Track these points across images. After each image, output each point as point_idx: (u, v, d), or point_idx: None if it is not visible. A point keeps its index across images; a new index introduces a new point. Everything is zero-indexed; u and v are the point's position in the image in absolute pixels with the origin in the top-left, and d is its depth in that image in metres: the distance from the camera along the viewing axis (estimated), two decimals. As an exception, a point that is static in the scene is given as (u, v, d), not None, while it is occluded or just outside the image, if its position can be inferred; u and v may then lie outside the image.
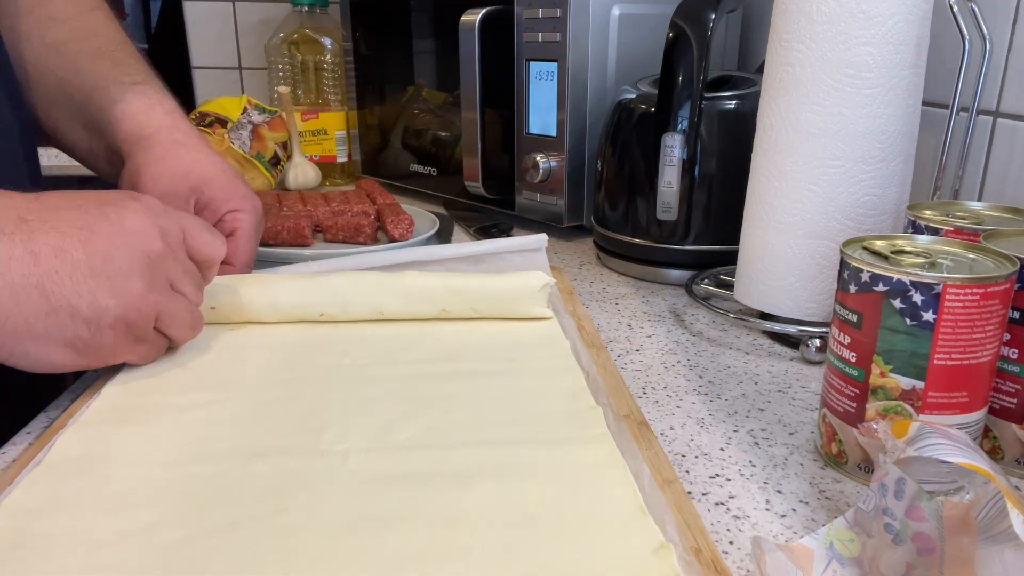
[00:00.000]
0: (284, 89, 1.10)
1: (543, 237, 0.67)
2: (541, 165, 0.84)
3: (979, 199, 0.65)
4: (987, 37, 0.55)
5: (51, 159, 1.06)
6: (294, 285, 0.58)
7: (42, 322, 0.41)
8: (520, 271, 0.60)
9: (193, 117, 1.03)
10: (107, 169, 0.63)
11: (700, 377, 0.54)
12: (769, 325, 0.59)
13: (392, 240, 0.78)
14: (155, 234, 0.45)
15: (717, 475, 0.42)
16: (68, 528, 0.35)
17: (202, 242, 0.49)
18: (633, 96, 0.75)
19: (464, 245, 0.66)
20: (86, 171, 0.68)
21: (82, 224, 0.43)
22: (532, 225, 0.92)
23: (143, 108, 0.60)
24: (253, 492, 0.37)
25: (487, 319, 0.59)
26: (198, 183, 0.58)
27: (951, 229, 0.46)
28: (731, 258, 0.64)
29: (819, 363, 0.56)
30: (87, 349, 0.44)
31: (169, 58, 1.43)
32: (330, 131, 1.16)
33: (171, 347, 0.51)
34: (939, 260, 0.40)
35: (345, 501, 0.37)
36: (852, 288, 0.40)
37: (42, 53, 0.62)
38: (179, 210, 0.50)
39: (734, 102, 0.70)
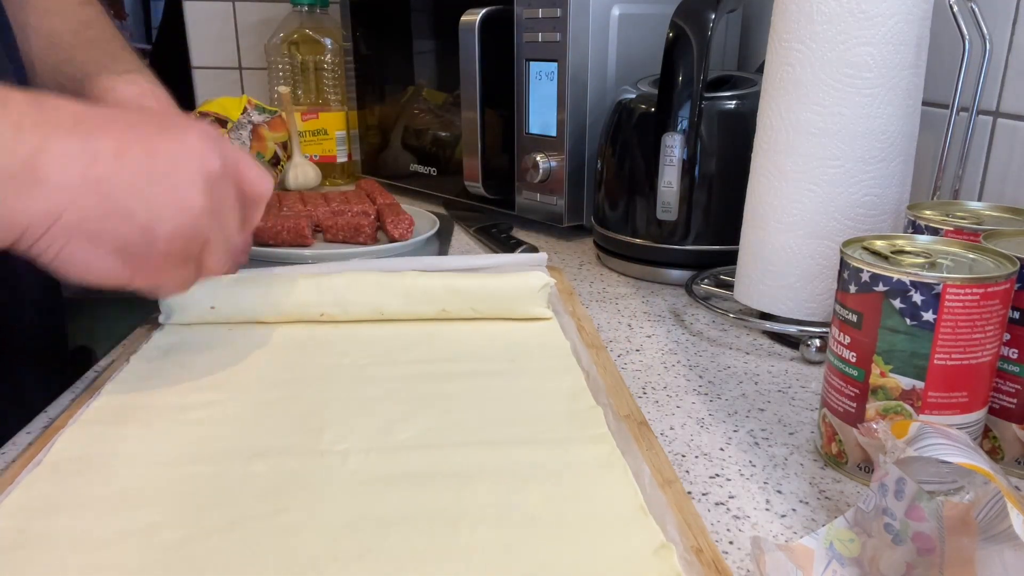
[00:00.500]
0: (284, 89, 1.10)
1: (543, 256, 0.68)
2: (541, 165, 0.84)
3: (979, 199, 0.65)
4: (987, 37, 0.55)
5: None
6: (294, 285, 0.58)
7: (95, 223, 0.40)
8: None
9: (193, 117, 1.03)
10: None
11: (700, 377, 0.54)
12: (769, 325, 0.59)
13: (392, 240, 0.78)
14: (215, 155, 0.44)
15: (717, 475, 0.42)
16: (68, 528, 0.35)
17: (253, 176, 0.48)
18: (633, 96, 0.75)
19: (464, 258, 0.67)
20: None
21: (142, 135, 0.42)
22: (532, 225, 0.92)
23: (135, 95, 0.60)
24: (253, 492, 0.37)
25: (487, 319, 0.59)
26: None
27: (951, 229, 0.46)
28: (731, 258, 0.64)
29: (819, 363, 0.56)
30: (135, 260, 0.42)
31: (172, 58, 1.43)
32: (330, 131, 1.16)
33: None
34: (939, 260, 0.40)
35: (345, 501, 0.37)
36: (852, 288, 0.40)
37: (41, 44, 0.63)
38: None
39: (734, 102, 0.70)
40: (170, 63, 1.38)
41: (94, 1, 0.67)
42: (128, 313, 0.89)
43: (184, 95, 0.65)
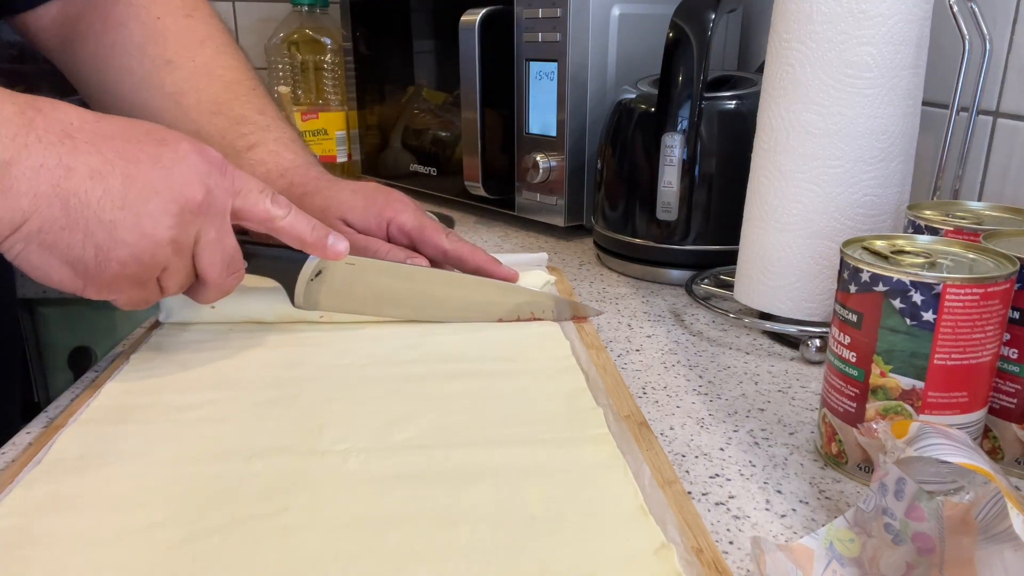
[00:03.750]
0: (284, 89, 1.10)
1: (543, 256, 0.68)
2: (541, 165, 0.84)
3: (979, 199, 0.65)
4: (987, 37, 0.55)
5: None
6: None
7: (54, 234, 0.41)
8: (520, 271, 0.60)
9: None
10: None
11: (700, 377, 0.54)
12: (769, 325, 0.59)
13: (392, 240, 0.78)
14: (199, 188, 0.44)
15: (717, 475, 0.42)
16: (69, 527, 0.35)
17: (251, 201, 0.48)
18: (633, 96, 0.75)
19: None
20: None
21: (131, 158, 0.42)
22: (532, 225, 0.92)
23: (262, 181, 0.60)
24: (253, 492, 0.37)
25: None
26: (340, 216, 0.59)
27: (951, 229, 0.46)
28: (731, 258, 0.64)
29: (819, 363, 0.56)
30: (87, 274, 0.43)
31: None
32: (330, 131, 1.16)
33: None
34: (939, 260, 0.40)
35: (345, 501, 0.37)
36: (852, 288, 0.40)
37: (162, 104, 0.62)
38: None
39: (734, 102, 0.70)
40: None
41: (212, 32, 0.66)
42: (128, 313, 0.89)
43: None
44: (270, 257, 0.53)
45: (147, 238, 0.43)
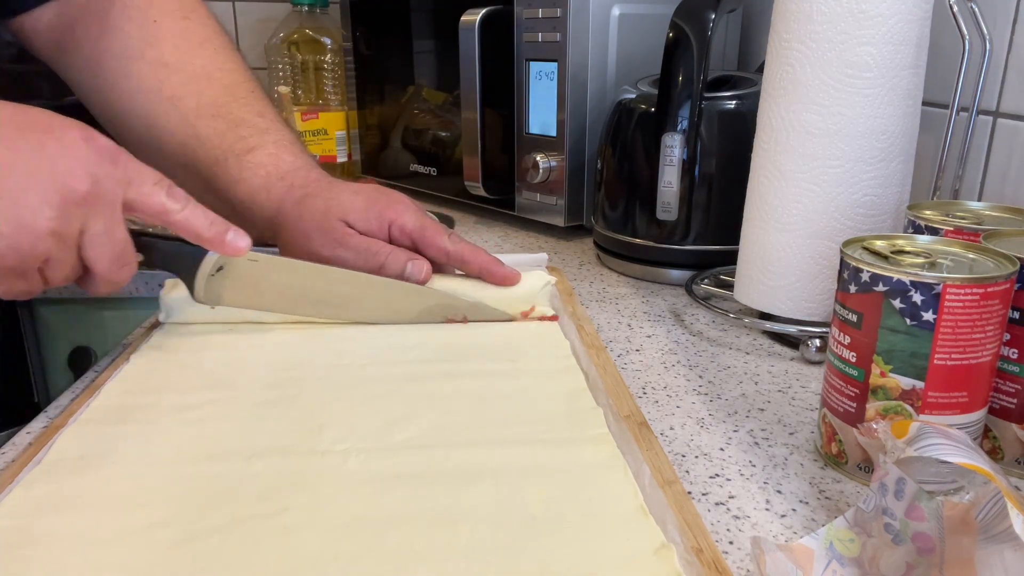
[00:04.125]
0: (284, 89, 1.10)
1: (543, 256, 0.68)
2: (541, 165, 0.84)
3: (979, 199, 0.65)
4: (987, 37, 0.55)
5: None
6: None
7: None
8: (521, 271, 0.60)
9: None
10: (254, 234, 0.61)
11: (700, 377, 0.54)
12: (769, 325, 0.59)
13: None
14: (84, 178, 0.43)
15: (717, 475, 0.42)
16: (69, 527, 0.35)
17: (144, 192, 0.46)
18: (633, 96, 0.75)
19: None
20: None
21: (11, 146, 0.41)
22: (532, 225, 0.92)
23: (262, 185, 0.60)
24: (253, 492, 0.37)
25: (488, 320, 0.59)
26: (341, 218, 0.59)
27: (951, 229, 0.46)
28: (731, 258, 0.64)
29: (819, 363, 0.56)
30: None
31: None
32: (330, 131, 1.16)
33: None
34: (939, 260, 0.40)
35: (345, 501, 0.37)
36: (852, 288, 0.40)
37: (160, 109, 0.61)
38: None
39: (734, 102, 0.70)
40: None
41: (210, 33, 0.65)
42: (128, 313, 0.89)
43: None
44: (167, 251, 0.52)
45: (25, 229, 0.42)
